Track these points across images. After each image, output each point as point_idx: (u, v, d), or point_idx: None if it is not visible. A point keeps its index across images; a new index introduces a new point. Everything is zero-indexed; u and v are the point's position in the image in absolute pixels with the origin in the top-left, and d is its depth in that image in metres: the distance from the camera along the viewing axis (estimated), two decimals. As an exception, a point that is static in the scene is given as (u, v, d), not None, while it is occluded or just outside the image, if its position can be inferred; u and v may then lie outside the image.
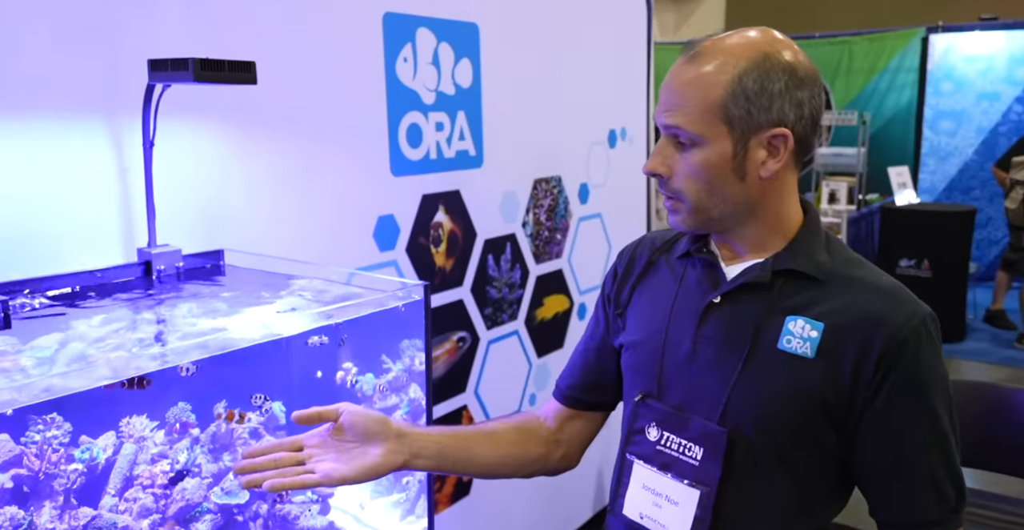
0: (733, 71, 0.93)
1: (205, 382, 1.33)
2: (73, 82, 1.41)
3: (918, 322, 0.94)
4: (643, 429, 1.08)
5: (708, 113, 0.93)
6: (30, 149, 1.37)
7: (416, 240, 2.22)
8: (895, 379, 0.93)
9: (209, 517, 1.26)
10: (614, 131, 3.13)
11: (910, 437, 0.95)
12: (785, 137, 0.95)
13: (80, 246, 1.45)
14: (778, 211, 1.01)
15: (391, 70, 2.08)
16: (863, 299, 0.95)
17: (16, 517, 1.05)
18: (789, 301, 0.98)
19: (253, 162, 1.74)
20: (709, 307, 1.03)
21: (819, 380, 0.94)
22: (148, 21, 1.51)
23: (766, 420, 0.97)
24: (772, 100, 0.93)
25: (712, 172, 0.96)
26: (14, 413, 1.08)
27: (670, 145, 0.97)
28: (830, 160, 7.17)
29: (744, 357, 0.98)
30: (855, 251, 1.05)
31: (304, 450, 1.07)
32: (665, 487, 1.04)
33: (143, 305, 1.39)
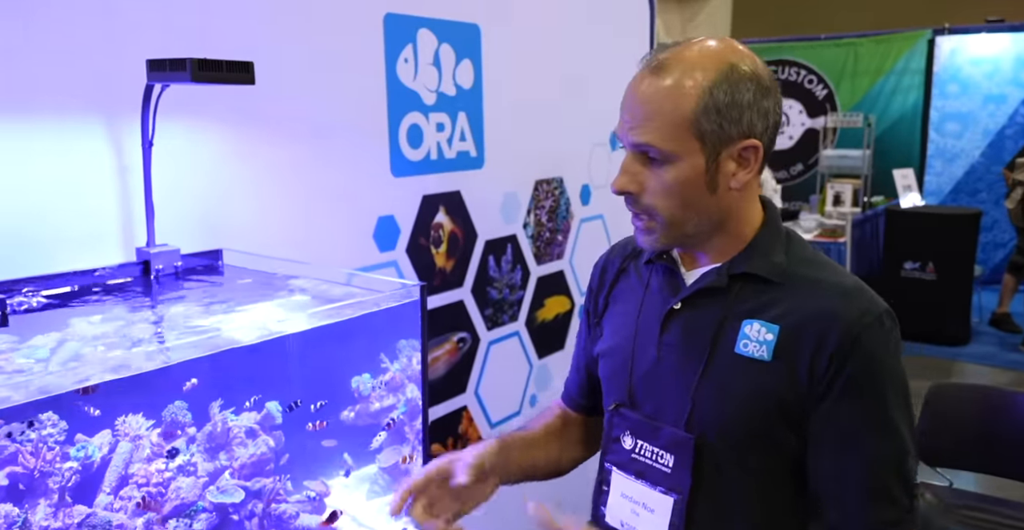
0: (703, 84, 0.91)
1: (201, 381, 1.34)
2: (73, 82, 1.42)
3: (872, 318, 0.92)
4: (619, 438, 1.08)
5: (679, 129, 0.92)
6: (30, 149, 1.38)
7: (416, 241, 2.22)
8: (847, 375, 0.91)
9: (204, 516, 1.26)
10: (615, 134, 3.12)
11: (860, 435, 0.93)
12: (756, 149, 0.95)
13: (80, 245, 1.46)
14: (744, 216, 1.01)
15: (392, 71, 2.08)
16: (818, 298, 0.94)
17: (11, 515, 1.06)
18: (746, 305, 0.98)
19: (253, 162, 1.75)
20: (670, 313, 1.03)
21: (776, 382, 0.94)
22: (148, 21, 1.51)
23: (727, 425, 0.97)
24: (742, 112, 0.92)
25: (686, 188, 0.94)
26: (10, 411, 1.09)
27: (637, 162, 0.96)
28: (835, 162, 7.15)
29: (704, 363, 0.98)
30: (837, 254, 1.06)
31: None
32: (641, 495, 1.04)
33: (141, 304, 1.39)
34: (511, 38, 2.48)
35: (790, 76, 8.28)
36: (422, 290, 1.37)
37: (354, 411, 1.51)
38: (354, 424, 1.52)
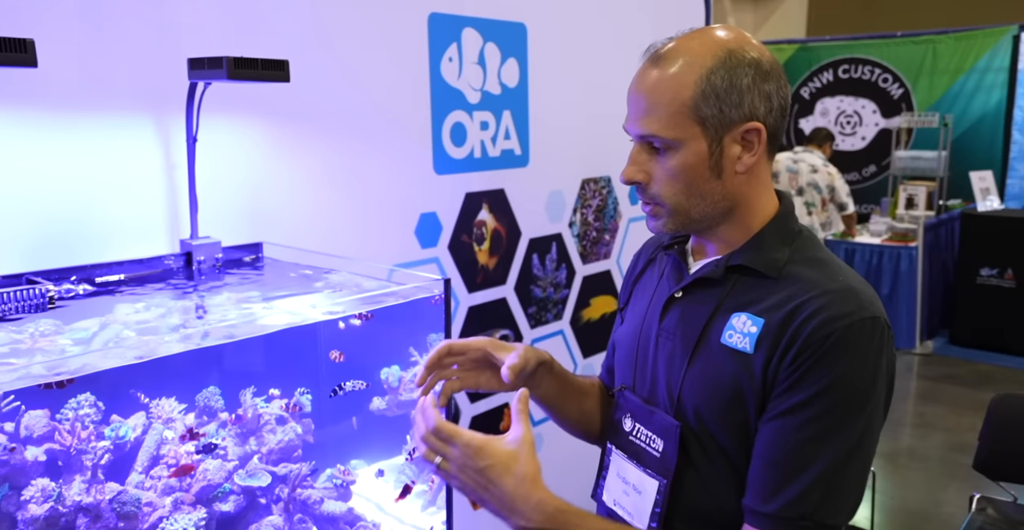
0: (700, 70, 0.92)
1: (234, 368, 1.39)
2: (126, 82, 1.49)
3: (852, 321, 0.90)
4: (620, 420, 1.10)
5: (680, 115, 0.93)
6: (84, 145, 1.45)
7: (459, 238, 2.24)
8: (804, 368, 0.89)
9: (233, 498, 1.31)
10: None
11: (790, 422, 0.90)
12: (758, 131, 0.95)
13: (129, 237, 1.53)
14: (754, 204, 1.00)
15: (436, 70, 2.11)
16: (806, 296, 0.93)
17: (47, 488, 1.12)
18: (741, 298, 0.97)
19: (296, 159, 1.80)
20: (670, 301, 1.05)
21: (752, 374, 0.93)
22: (198, 22, 1.57)
23: (707, 414, 0.97)
24: (742, 95, 0.93)
25: (690, 174, 0.95)
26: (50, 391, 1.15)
27: (644, 151, 0.97)
28: (909, 164, 6.88)
29: (691, 351, 0.99)
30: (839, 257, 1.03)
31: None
32: (633, 476, 1.06)
33: (182, 293, 1.45)
34: (559, 37, 2.48)
35: (863, 75, 8.02)
36: (446, 284, 1.39)
37: (384, 402, 1.54)
38: (383, 415, 1.54)
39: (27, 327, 1.21)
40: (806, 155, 5.12)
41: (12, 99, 1.35)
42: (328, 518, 1.40)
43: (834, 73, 8.24)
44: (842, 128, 8.25)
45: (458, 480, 0.94)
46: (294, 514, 1.38)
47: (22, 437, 1.13)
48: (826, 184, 5.06)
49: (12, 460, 1.11)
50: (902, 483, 3.83)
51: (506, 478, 0.91)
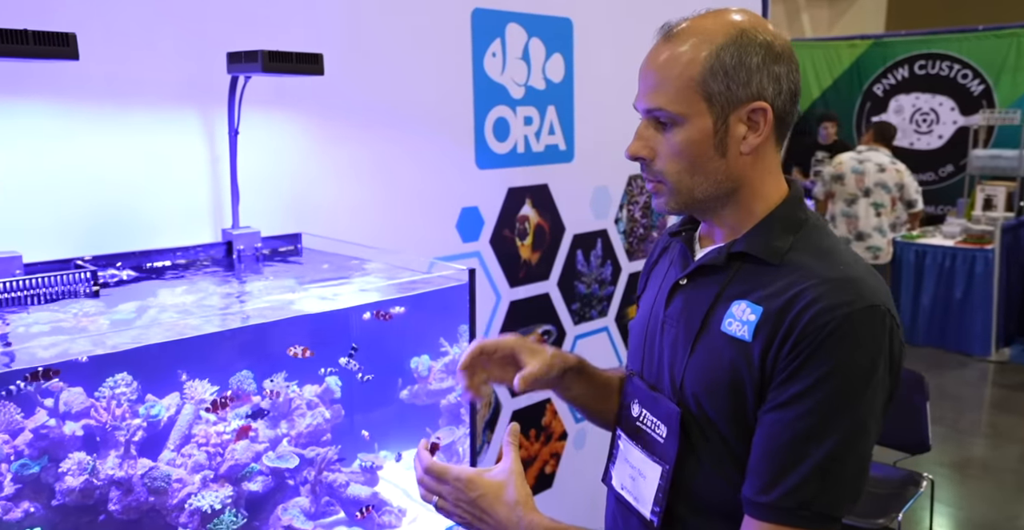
0: (710, 47, 0.93)
1: (268, 353, 1.43)
2: (174, 77, 1.55)
3: (852, 310, 0.88)
4: (629, 405, 1.10)
5: (687, 90, 0.93)
6: (135, 138, 1.51)
7: (500, 232, 2.25)
8: (802, 358, 0.88)
9: (261, 478, 1.35)
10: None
11: (789, 412, 0.89)
12: (765, 111, 0.94)
13: (174, 226, 1.59)
14: (759, 189, 0.99)
15: (479, 65, 2.13)
16: (805, 283, 0.91)
17: (83, 462, 1.17)
18: (742, 285, 0.96)
19: (338, 152, 1.84)
20: (675, 288, 1.04)
21: (751, 362, 0.92)
22: (243, 17, 1.62)
23: (707, 401, 0.97)
24: (750, 75, 0.93)
25: (694, 150, 0.94)
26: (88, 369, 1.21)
27: (650, 127, 0.97)
28: (987, 163, 6.58)
29: (694, 338, 0.99)
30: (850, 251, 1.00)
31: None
32: (638, 461, 1.06)
33: (221, 279, 1.50)
34: (605, 31, 2.46)
35: (941, 70, 7.71)
36: (471, 275, 1.40)
37: (412, 390, 1.56)
38: (411, 403, 1.57)
39: (71, 308, 1.28)
40: (871, 154, 4.96)
41: (68, 94, 1.42)
42: (354, 501, 1.43)
43: (910, 69, 7.94)
44: (917, 126, 7.94)
45: (456, 515, 1.01)
46: (321, 496, 1.41)
47: (61, 412, 1.19)
48: (895, 182, 4.89)
49: (51, 434, 1.17)
50: (971, 495, 3.67)
51: (497, 506, 0.97)
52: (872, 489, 2.67)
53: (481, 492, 0.98)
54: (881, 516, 2.49)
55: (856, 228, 5.03)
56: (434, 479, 1.01)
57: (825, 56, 8.56)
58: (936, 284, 5.76)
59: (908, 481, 2.70)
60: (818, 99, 8.43)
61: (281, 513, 1.35)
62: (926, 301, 5.77)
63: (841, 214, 5.10)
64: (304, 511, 1.37)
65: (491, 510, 0.97)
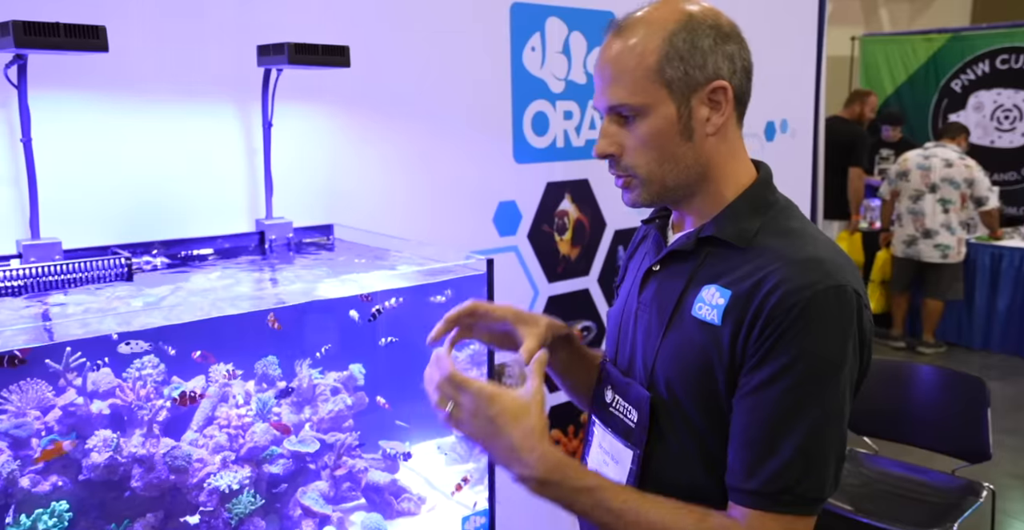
0: (662, 34, 0.94)
1: (291, 339, 1.46)
2: (211, 69, 1.59)
3: (817, 290, 0.88)
4: (603, 391, 1.11)
5: (645, 80, 0.94)
6: (174, 129, 1.56)
7: (539, 227, 2.25)
8: (772, 341, 0.89)
9: (282, 461, 1.38)
10: (772, 123, 2.96)
11: (763, 397, 0.89)
12: (725, 89, 0.96)
13: (210, 215, 1.63)
14: (727, 171, 1.00)
15: (517, 59, 2.13)
16: (772, 266, 0.92)
17: (109, 439, 1.22)
18: (712, 269, 0.97)
19: (373, 145, 1.87)
20: (648, 274, 1.05)
21: (720, 346, 0.93)
22: (281, 10, 1.66)
23: (678, 385, 0.97)
24: (705, 57, 0.94)
25: (661, 139, 0.95)
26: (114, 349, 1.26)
27: (614, 124, 0.97)
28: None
29: (666, 323, 0.99)
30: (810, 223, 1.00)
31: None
32: (611, 446, 1.07)
33: (251, 267, 1.54)
34: (650, 25, 2.43)
35: (1024, 65, 7.34)
36: (489, 264, 1.40)
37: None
38: (435, 393, 1.57)
39: (105, 291, 1.33)
40: (938, 150, 4.76)
41: (109, 86, 1.48)
42: (374, 488, 1.45)
43: (991, 64, 7.59)
44: (999, 123, 7.57)
45: (468, 426, 0.95)
46: (341, 481, 1.43)
47: (89, 391, 1.24)
48: (963, 178, 4.68)
49: (79, 411, 1.22)
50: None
51: (514, 427, 0.92)
52: (927, 498, 2.56)
53: (499, 409, 0.91)
54: (935, 526, 2.39)
55: (923, 226, 4.84)
56: (455, 386, 0.95)
57: (899, 51, 8.26)
58: (1013, 289, 5.48)
59: (967, 491, 2.58)
60: (891, 96, 8.13)
61: (300, 496, 1.38)
62: (1001, 306, 5.50)
63: (907, 212, 4.91)
64: (323, 495, 1.40)
65: (506, 430, 0.91)
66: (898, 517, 2.45)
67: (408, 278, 1.44)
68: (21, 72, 1.25)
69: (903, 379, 2.75)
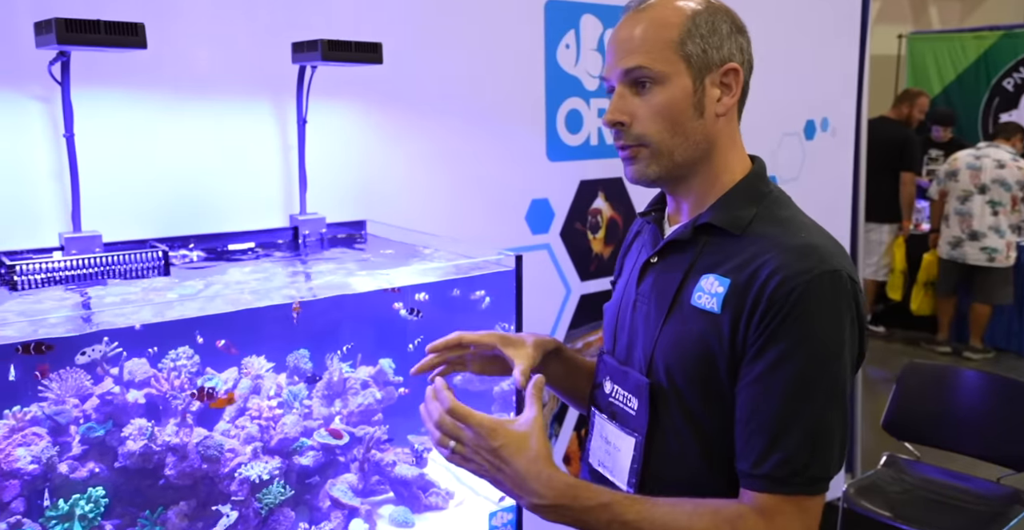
0: (685, 12, 0.98)
1: (324, 334, 1.48)
2: (248, 67, 1.62)
3: (813, 276, 0.91)
4: (601, 383, 1.12)
5: (667, 50, 0.97)
6: (212, 126, 1.59)
7: (571, 225, 2.24)
8: (773, 327, 0.91)
9: (312, 453, 1.39)
10: (812, 121, 2.91)
11: (768, 383, 0.91)
12: (737, 72, 1.00)
13: (246, 211, 1.66)
14: (727, 157, 1.02)
15: (551, 57, 2.12)
16: (768, 253, 0.94)
17: (143, 428, 1.25)
18: (709, 258, 0.99)
19: (406, 142, 1.88)
20: (646, 266, 1.07)
21: (721, 334, 0.94)
22: (316, 7, 1.69)
23: (676, 373, 0.98)
24: (722, 40, 0.99)
25: (675, 110, 0.97)
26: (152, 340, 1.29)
27: (627, 94, 0.99)
28: None
29: (666, 312, 1.01)
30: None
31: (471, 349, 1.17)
32: (613, 436, 1.08)
33: (285, 262, 1.56)
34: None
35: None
36: (518, 261, 1.40)
37: (465, 376, 1.57)
38: (464, 389, 1.58)
39: (142, 283, 1.36)
40: (990, 150, 4.63)
41: (148, 83, 1.51)
42: (402, 481, 1.46)
43: (1046, 62, 7.38)
44: (1053, 124, 7.35)
45: (472, 463, 0.97)
46: (370, 474, 1.45)
47: (125, 380, 1.27)
48: (1016, 180, 4.54)
49: (116, 400, 1.25)
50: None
51: (518, 457, 0.94)
52: (970, 506, 2.49)
53: (503, 441, 0.94)
54: (978, 535, 2.33)
55: (970, 227, 4.72)
56: (456, 422, 0.97)
57: (948, 49, 8.07)
58: (1065, 294, 5.31)
59: (1012, 499, 2.50)
60: (939, 95, 7.94)
61: (329, 488, 1.39)
62: (1053, 312, 5.33)
63: (955, 212, 4.79)
64: (352, 487, 1.41)
65: (511, 460, 0.93)
66: (939, 525, 2.40)
67: (438, 274, 1.45)
68: (64, 69, 1.29)
69: (948, 384, 2.68)
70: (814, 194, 2.93)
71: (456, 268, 1.45)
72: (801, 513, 0.91)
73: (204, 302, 1.29)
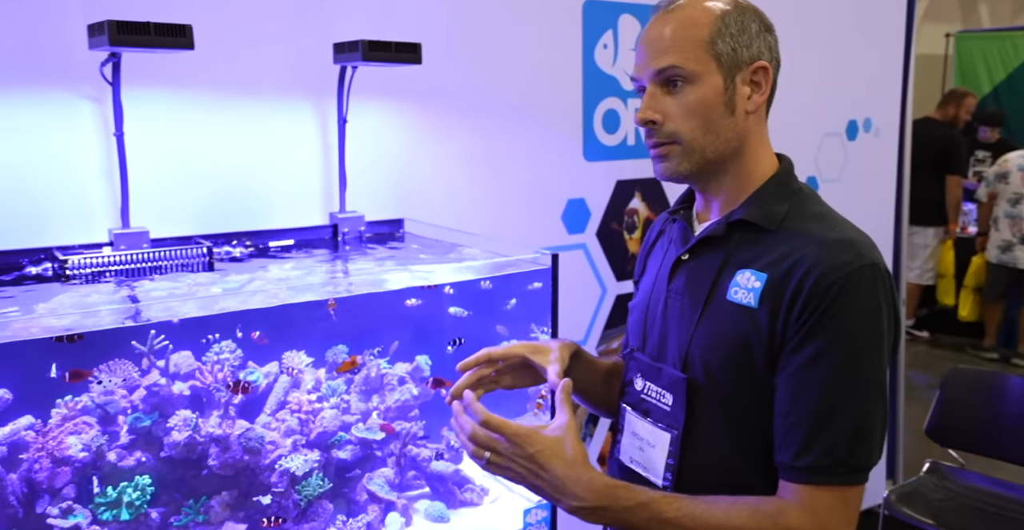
0: (715, 12, 1.00)
1: (361, 331, 1.50)
2: (291, 67, 1.65)
3: (852, 269, 0.92)
4: (632, 381, 1.12)
5: (699, 50, 0.98)
6: (254, 126, 1.63)
7: (608, 225, 2.24)
8: (813, 320, 0.92)
9: (350, 447, 1.42)
10: (855, 122, 2.87)
11: (810, 375, 0.92)
12: (766, 70, 1.02)
13: (288, 208, 1.69)
14: (757, 154, 1.03)
15: (589, 57, 2.13)
16: (805, 248, 0.95)
17: (188, 419, 1.28)
18: (744, 254, 1.00)
19: (444, 141, 1.90)
20: (677, 263, 1.07)
21: (759, 328, 0.95)
22: (357, 8, 1.71)
23: (713, 368, 0.99)
24: (751, 39, 1.01)
25: (707, 108, 0.99)
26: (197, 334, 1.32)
27: (659, 93, 1.00)
28: None
29: (700, 308, 1.01)
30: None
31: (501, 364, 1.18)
32: (646, 432, 1.08)
33: (325, 258, 1.59)
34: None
35: None
36: (554, 260, 1.41)
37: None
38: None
39: (187, 278, 1.39)
40: (1043, 151, 4.51)
41: (193, 84, 1.55)
42: (437, 477, 1.47)
43: (1099, 61, 7.15)
44: (1108, 124, 7.12)
45: (510, 471, 0.98)
46: (406, 469, 1.47)
47: (171, 372, 1.30)
48: (1068, 184, 4.42)
49: (162, 392, 1.29)
50: None
51: (555, 462, 0.96)
52: (1016, 515, 2.43)
53: (539, 448, 0.95)
54: (1024, 544, 2.27)
55: (1020, 231, 4.60)
56: (489, 434, 0.98)
57: (998, 48, 7.87)
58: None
59: (1060, 509, 2.43)
60: (989, 95, 7.75)
61: (367, 481, 1.41)
62: (1107, 318, 5.17)
63: (1004, 215, 4.68)
64: (389, 481, 1.43)
65: (549, 466, 0.95)
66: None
67: (474, 272, 1.46)
68: (115, 69, 1.33)
69: (994, 390, 2.62)
70: (856, 196, 2.89)
71: (492, 266, 1.46)
72: (843, 504, 0.92)
73: (246, 297, 1.32)
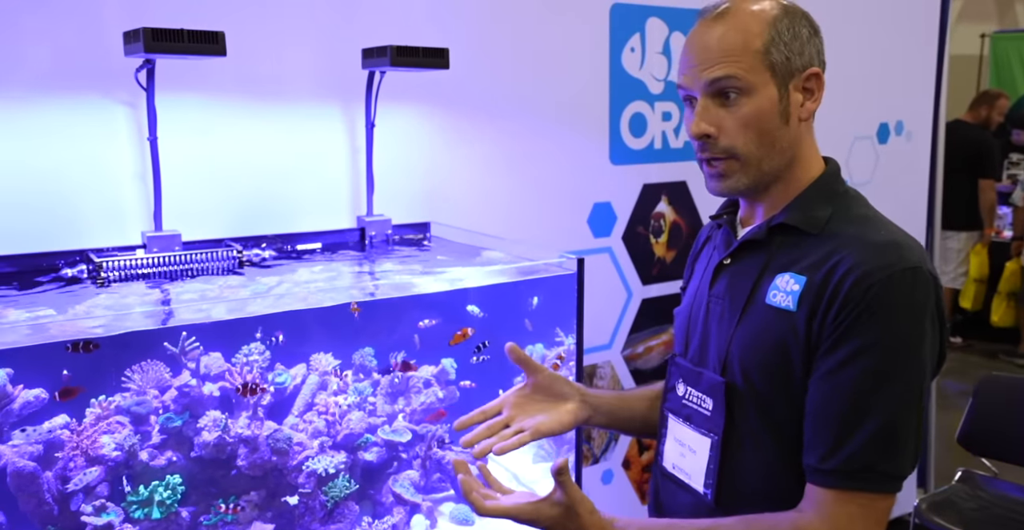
0: (766, 19, 0.96)
1: (389, 334, 1.51)
2: (318, 73, 1.67)
3: (894, 271, 0.90)
4: (674, 386, 1.11)
5: (754, 60, 0.95)
6: (284, 130, 1.65)
7: (634, 229, 2.23)
8: (850, 320, 0.90)
9: (376, 449, 1.43)
10: (886, 125, 2.83)
11: (843, 376, 0.90)
12: (819, 76, 0.99)
13: (316, 212, 1.71)
14: (808, 159, 1.02)
15: (616, 60, 2.12)
16: (846, 250, 0.93)
17: (218, 419, 1.30)
18: (784, 258, 0.99)
19: (470, 145, 1.91)
20: (719, 268, 1.06)
21: (796, 331, 0.94)
22: (384, 14, 1.73)
23: (754, 371, 0.98)
24: (803, 45, 0.98)
25: (763, 120, 0.96)
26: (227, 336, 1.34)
27: (713, 105, 0.96)
28: None
29: (740, 312, 1.00)
30: None
31: (504, 412, 1.18)
32: (687, 437, 1.07)
33: (352, 261, 1.60)
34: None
35: None
36: (579, 264, 1.41)
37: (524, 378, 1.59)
38: (525, 390, 1.59)
39: (218, 280, 1.42)
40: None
41: (225, 89, 1.57)
42: (462, 480, 1.47)
43: None
44: None
45: None
46: (431, 471, 1.47)
47: (201, 374, 1.32)
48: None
49: (192, 392, 1.31)
50: None
51: (571, 525, 0.96)
52: (1051, 526, 2.38)
53: (550, 523, 0.97)
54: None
55: (1056, 236, 4.50)
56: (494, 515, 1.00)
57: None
58: None
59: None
60: (1024, 97, 7.62)
61: (392, 483, 1.42)
62: None
63: (1040, 221, 4.58)
64: (414, 484, 1.44)
65: (568, 527, 0.97)
66: (1017, 544, 2.30)
67: (500, 275, 1.47)
68: (149, 76, 1.35)
69: (1027, 398, 2.57)
70: (887, 200, 2.83)
71: (518, 270, 1.46)
72: (866, 514, 0.89)
73: (275, 300, 1.34)
